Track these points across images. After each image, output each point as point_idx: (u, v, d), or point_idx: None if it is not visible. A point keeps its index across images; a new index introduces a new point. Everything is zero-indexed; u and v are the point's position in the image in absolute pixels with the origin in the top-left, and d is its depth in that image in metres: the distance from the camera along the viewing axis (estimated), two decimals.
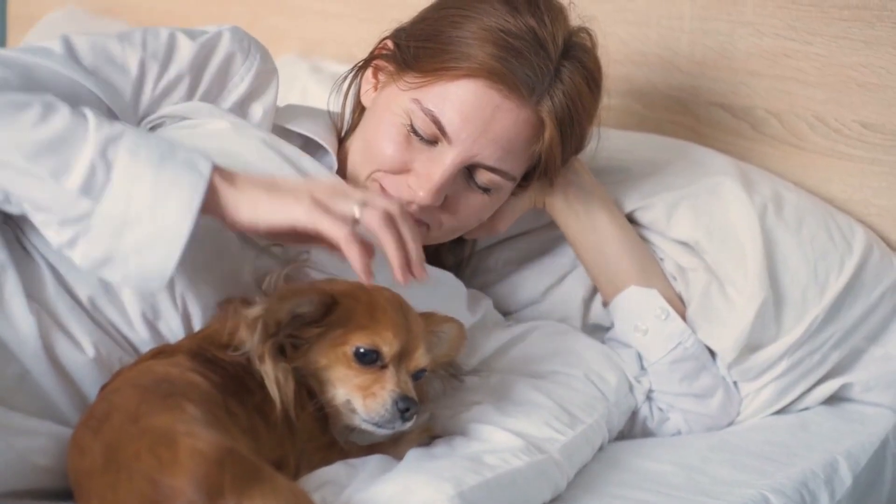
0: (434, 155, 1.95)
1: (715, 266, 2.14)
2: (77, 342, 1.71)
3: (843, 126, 2.32)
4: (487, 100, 1.93)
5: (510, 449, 1.73)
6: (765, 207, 2.17)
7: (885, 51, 2.25)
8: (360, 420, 1.69)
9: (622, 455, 1.97)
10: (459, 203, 2.01)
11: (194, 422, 1.48)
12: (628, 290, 2.13)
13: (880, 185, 2.29)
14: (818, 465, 1.96)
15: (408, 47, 2.00)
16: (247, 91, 1.98)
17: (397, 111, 1.97)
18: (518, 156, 1.99)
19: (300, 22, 3.16)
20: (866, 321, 2.18)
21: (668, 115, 2.54)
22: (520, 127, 1.96)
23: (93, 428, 1.50)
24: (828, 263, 2.15)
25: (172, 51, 1.91)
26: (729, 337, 2.08)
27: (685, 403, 2.10)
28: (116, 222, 1.59)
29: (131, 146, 1.62)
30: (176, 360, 1.63)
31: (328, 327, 1.68)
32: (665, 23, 2.54)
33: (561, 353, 2.07)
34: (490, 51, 1.92)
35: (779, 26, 2.37)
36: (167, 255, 1.60)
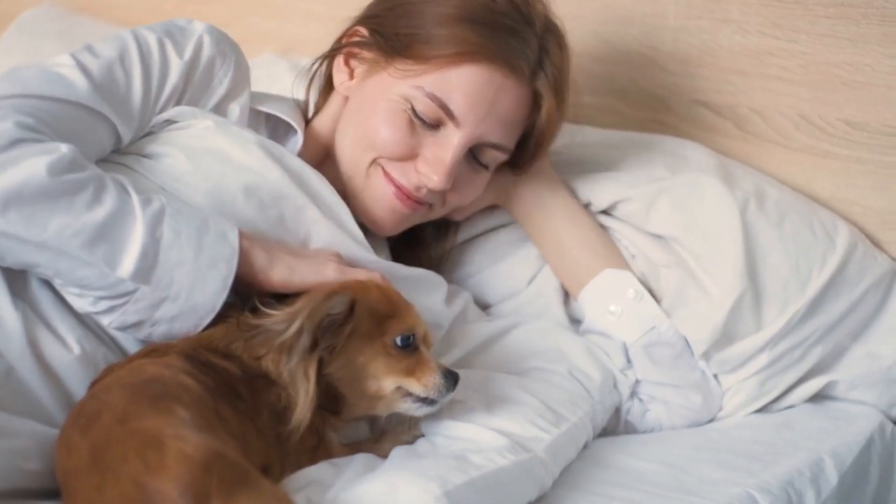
0: (439, 139, 2.04)
1: (692, 259, 2.16)
2: (62, 340, 1.74)
3: (828, 124, 2.34)
4: (491, 81, 2.03)
5: (496, 448, 1.74)
6: (746, 202, 2.20)
7: (869, 48, 2.26)
8: (410, 403, 1.77)
9: (607, 453, 1.98)
10: (463, 181, 2.11)
11: (183, 425, 1.48)
12: (603, 273, 2.18)
13: (865, 184, 2.31)
14: (804, 463, 1.97)
15: (393, 35, 2.06)
16: (225, 92, 2.05)
17: (395, 98, 2.03)
18: (516, 130, 2.11)
19: (280, 21, 3.17)
20: (849, 317, 2.20)
21: (651, 114, 2.56)
22: (520, 103, 2.08)
23: (81, 427, 1.51)
24: (810, 258, 2.18)
25: (166, 70, 1.98)
26: (703, 328, 2.11)
27: (665, 394, 2.13)
28: (157, 299, 1.72)
29: (174, 224, 1.74)
30: (168, 360, 1.65)
31: (356, 325, 1.74)
32: (649, 21, 2.55)
33: (544, 350, 2.10)
34: (482, 31, 2.01)
35: (763, 24, 2.39)
36: (196, 324, 1.75)
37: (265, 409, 1.68)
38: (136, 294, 1.71)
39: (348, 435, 1.85)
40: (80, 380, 1.73)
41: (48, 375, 1.72)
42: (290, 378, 1.69)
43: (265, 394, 1.69)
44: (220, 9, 3.24)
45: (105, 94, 1.89)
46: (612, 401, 2.09)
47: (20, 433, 1.63)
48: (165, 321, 1.74)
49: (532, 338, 2.14)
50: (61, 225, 1.67)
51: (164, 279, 1.72)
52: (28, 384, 1.71)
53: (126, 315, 1.73)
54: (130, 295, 1.71)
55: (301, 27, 3.13)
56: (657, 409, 2.13)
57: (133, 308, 1.72)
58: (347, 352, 1.74)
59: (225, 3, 3.23)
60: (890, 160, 2.28)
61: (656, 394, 2.13)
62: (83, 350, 1.74)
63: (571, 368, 2.05)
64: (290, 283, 1.82)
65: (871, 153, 2.29)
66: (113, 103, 1.90)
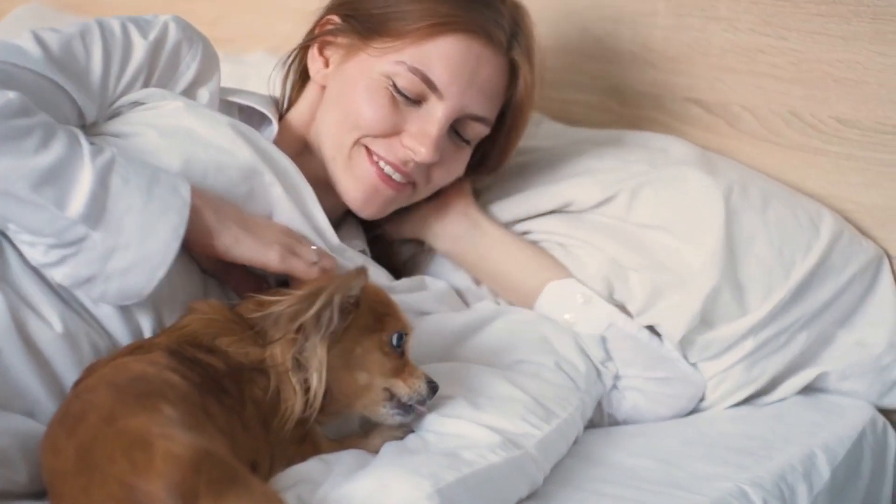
0: (423, 113, 2.08)
1: (672, 250, 2.18)
2: (45, 318, 1.75)
3: (819, 122, 2.35)
4: (470, 52, 2.07)
5: (487, 445, 1.74)
6: (730, 189, 2.22)
7: (861, 46, 2.27)
8: (389, 408, 1.79)
9: (599, 449, 1.99)
10: (447, 157, 2.14)
11: (170, 423, 1.47)
12: (547, 287, 2.20)
13: (857, 181, 2.32)
14: (796, 458, 1.98)
15: (366, 16, 2.10)
16: (194, 77, 2.09)
17: (375, 77, 2.07)
18: (497, 102, 2.15)
19: (269, 19, 3.17)
20: (835, 304, 2.22)
21: (642, 112, 2.58)
22: (499, 74, 2.12)
23: (67, 427, 1.50)
24: (794, 245, 2.20)
25: (129, 50, 2.01)
26: (679, 316, 2.12)
27: (639, 383, 2.14)
28: (107, 248, 1.72)
29: (122, 172, 1.75)
30: (153, 357, 1.64)
31: (357, 316, 1.76)
32: (639, 19, 2.57)
33: (529, 341, 2.11)
34: (459, 3, 2.06)
35: (753, 22, 2.40)
36: (150, 277, 1.75)
37: (250, 402, 1.68)
38: (86, 242, 1.72)
39: (337, 430, 1.85)
40: (64, 358, 1.74)
41: (33, 354, 1.72)
42: (300, 362, 1.71)
43: (250, 387, 1.69)
44: (210, 7, 3.24)
45: (62, 65, 1.91)
46: (598, 391, 2.10)
47: (3, 432, 1.63)
48: (118, 275, 1.74)
49: (517, 328, 2.15)
50: (8, 167, 1.68)
51: (113, 225, 1.72)
52: (15, 366, 1.71)
53: (78, 267, 1.73)
54: (81, 243, 1.72)
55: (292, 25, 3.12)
56: (634, 396, 2.13)
57: (84, 259, 1.73)
58: (345, 341, 1.75)
59: (215, 1, 3.23)
60: (882, 157, 2.29)
61: (630, 383, 2.14)
62: (66, 328, 1.75)
63: (559, 360, 2.06)
64: (230, 254, 1.85)
65: (863, 150, 2.30)
66: (70, 76, 1.92)
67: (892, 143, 2.27)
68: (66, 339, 1.75)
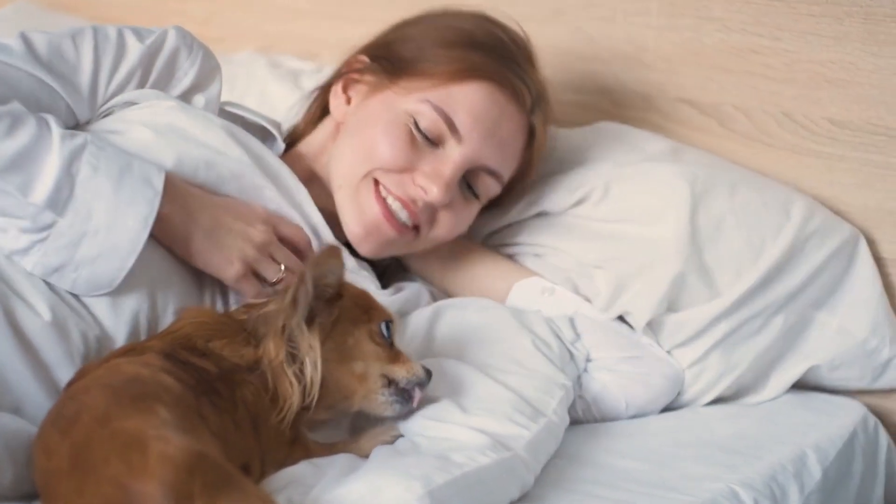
0: (439, 155, 2.10)
1: (638, 243, 2.20)
2: (33, 306, 1.75)
3: (812, 122, 2.36)
4: (495, 102, 2.10)
5: (477, 446, 1.75)
6: (695, 176, 2.24)
7: (853, 46, 2.28)
8: (388, 396, 1.80)
9: (589, 450, 1.99)
10: (455, 209, 2.15)
11: (165, 426, 1.47)
12: (514, 287, 2.24)
13: (849, 182, 2.33)
14: (787, 458, 1.99)
15: (398, 55, 2.14)
16: (191, 83, 2.10)
17: (398, 113, 2.10)
18: (512, 161, 2.18)
19: (259, 17, 3.17)
20: (811, 286, 2.23)
21: (634, 112, 2.58)
22: (519, 132, 2.16)
23: (61, 428, 1.50)
24: (763, 228, 2.21)
25: (123, 50, 2.02)
26: (644, 303, 2.14)
27: (609, 363, 2.14)
28: (75, 235, 1.74)
29: (93, 160, 1.77)
30: (146, 359, 1.65)
31: (344, 308, 1.78)
32: (632, 19, 2.57)
33: (505, 323, 2.12)
34: (490, 55, 2.11)
35: (746, 22, 2.41)
36: (119, 267, 1.77)
37: (241, 405, 1.68)
38: (54, 229, 1.74)
39: (327, 435, 1.86)
40: (53, 347, 1.75)
41: (22, 343, 1.73)
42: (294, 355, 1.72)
43: (241, 390, 1.70)
44: (199, 5, 3.24)
45: (48, 64, 1.93)
46: (572, 373, 2.09)
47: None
48: (87, 263, 1.76)
49: (491, 312, 2.16)
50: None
51: (81, 212, 1.75)
52: (3, 354, 1.72)
53: (47, 255, 1.75)
54: (49, 229, 1.74)
55: (281, 24, 3.13)
56: (602, 377, 2.13)
57: (53, 246, 1.75)
58: (336, 335, 1.77)
59: (205, 1, 3.23)
60: (874, 158, 2.30)
61: (600, 364, 2.13)
62: (54, 316, 1.76)
63: (535, 339, 2.07)
64: (192, 262, 1.90)
65: (856, 151, 2.31)
66: (57, 74, 1.94)
67: (884, 145, 2.28)
68: (55, 328, 1.75)
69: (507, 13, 2.18)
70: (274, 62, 2.93)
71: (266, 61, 2.93)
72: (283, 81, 2.81)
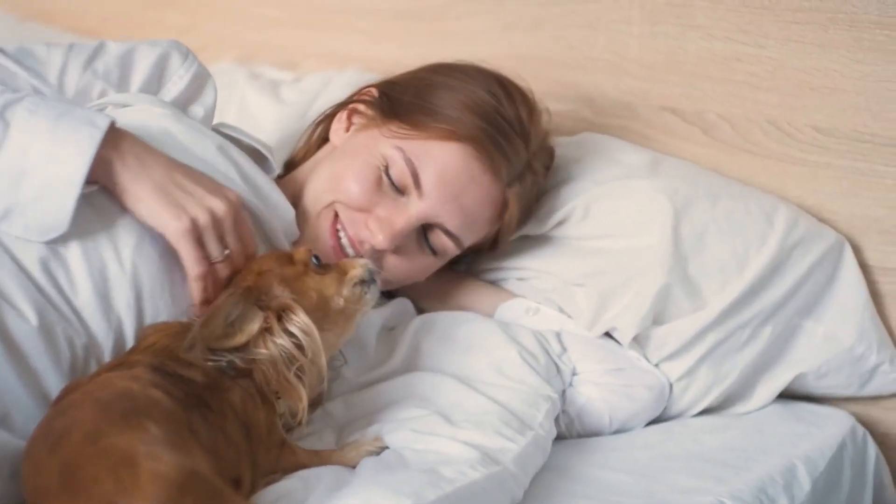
0: (400, 204, 2.11)
1: (621, 260, 2.21)
2: (20, 311, 1.74)
3: (797, 130, 2.36)
4: (467, 168, 2.11)
5: (466, 460, 1.76)
6: (675, 189, 2.25)
7: (838, 54, 2.29)
8: (363, 288, 1.88)
9: (577, 464, 2.00)
10: (408, 257, 2.16)
11: (156, 442, 1.47)
12: (498, 310, 2.26)
13: (834, 190, 2.33)
14: (776, 470, 2.00)
15: (399, 98, 2.16)
16: (185, 90, 2.12)
17: (375, 153, 2.11)
18: (476, 230, 2.18)
19: (238, 28, 3.17)
20: (797, 294, 2.24)
21: (617, 121, 2.58)
22: (487, 203, 2.16)
23: (50, 445, 1.49)
24: (747, 237, 2.22)
25: (100, 50, 2.07)
26: (630, 318, 2.15)
27: (593, 377, 2.14)
28: (14, 175, 1.75)
29: (30, 106, 1.79)
30: (136, 373, 1.64)
31: (280, 280, 1.82)
32: (613, 27, 2.57)
33: (492, 335, 2.14)
34: (481, 124, 2.11)
35: (730, 30, 2.41)
36: (63, 203, 1.76)
37: (230, 411, 1.69)
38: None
39: (311, 444, 1.87)
40: (41, 353, 1.74)
41: (10, 348, 1.71)
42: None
43: (229, 395, 1.71)
44: (178, 15, 3.24)
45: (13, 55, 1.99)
46: (558, 386, 2.10)
47: None
48: (31, 203, 1.76)
49: (478, 324, 2.18)
50: None
51: (15, 151, 1.76)
52: None
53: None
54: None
55: (260, 33, 3.13)
56: (588, 390, 2.14)
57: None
58: (301, 300, 1.80)
59: (183, 10, 3.23)
60: (860, 166, 2.30)
61: (585, 377, 2.14)
62: (41, 320, 1.74)
63: (521, 350, 2.09)
64: (132, 210, 1.85)
65: (841, 159, 2.32)
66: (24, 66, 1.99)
67: (869, 152, 2.29)
68: (42, 333, 1.74)
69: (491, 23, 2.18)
70: (253, 73, 2.93)
71: (246, 72, 2.92)
72: (262, 92, 2.81)
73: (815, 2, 2.30)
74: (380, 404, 1.98)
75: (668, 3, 2.49)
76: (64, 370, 1.75)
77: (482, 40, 2.72)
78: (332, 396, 2.03)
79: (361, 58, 2.90)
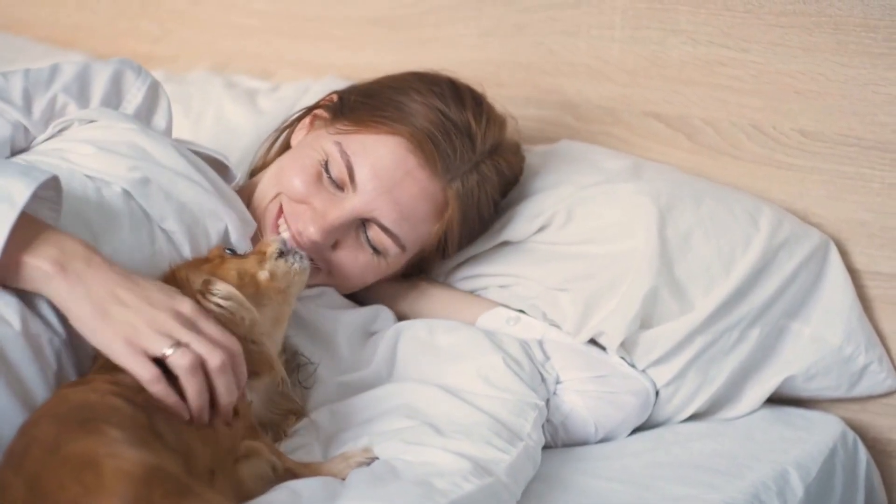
0: (336, 199, 2.14)
1: (606, 264, 2.22)
2: (2, 317, 1.72)
3: (782, 134, 2.38)
4: (402, 161, 2.14)
5: (458, 472, 1.76)
6: (659, 191, 2.26)
7: (823, 57, 2.31)
8: (288, 259, 1.92)
9: (569, 474, 2.00)
10: (348, 252, 2.18)
11: (116, 443, 1.47)
12: (479, 319, 2.26)
13: (820, 194, 2.35)
14: (769, 476, 2.01)
15: (349, 100, 2.21)
16: (143, 102, 2.15)
17: (317, 149, 2.16)
18: (414, 226, 2.18)
19: (212, 36, 3.16)
20: (784, 295, 2.25)
21: (600, 127, 2.59)
22: (424, 198, 2.17)
23: (13, 465, 1.49)
24: (731, 239, 2.24)
25: (55, 71, 2.10)
26: (617, 323, 2.15)
27: (577, 385, 2.15)
28: None
29: None
30: (93, 385, 1.64)
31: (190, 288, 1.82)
32: (595, 32, 2.58)
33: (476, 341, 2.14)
34: (421, 121, 2.14)
35: (713, 34, 2.43)
36: None
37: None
38: None
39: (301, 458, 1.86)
40: (26, 360, 1.71)
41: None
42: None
43: None
44: (151, 24, 3.23)
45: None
46: (543, 395, 2.10)
47: None
48: None
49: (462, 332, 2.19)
50: None
51: None
52: None
53: None
54: None
55: (234, 42, 3.13)
56: (571, 399, 2.14)
57: None
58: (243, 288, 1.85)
59: (155, 19, 3.22)
60: (846, 170, 2.32)
61: (569, 386, 2.14)
62: (25, 326, 1.72)
63: (506, 357, 2.09)
64: (81, 333, 1.73)
65: (827, 163, 2.34)
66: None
67: (855, 156, 2.31)
68: (27, 339, 1.72)
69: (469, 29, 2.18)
70: (229, 82, 2.91)
71: (221, 81, 2.91)
72: (239, 101, 2.80)
73: (799, 5, 2.32)
74: (367, 415, 1.98)
75: (649, 8, 2.50)
76: (50, 381, 1.74)
77: (461, 47, 2.73)
78: (316, 404, 2.03)
79: (338, 66, 2.90)
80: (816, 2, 2.30)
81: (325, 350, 2.14)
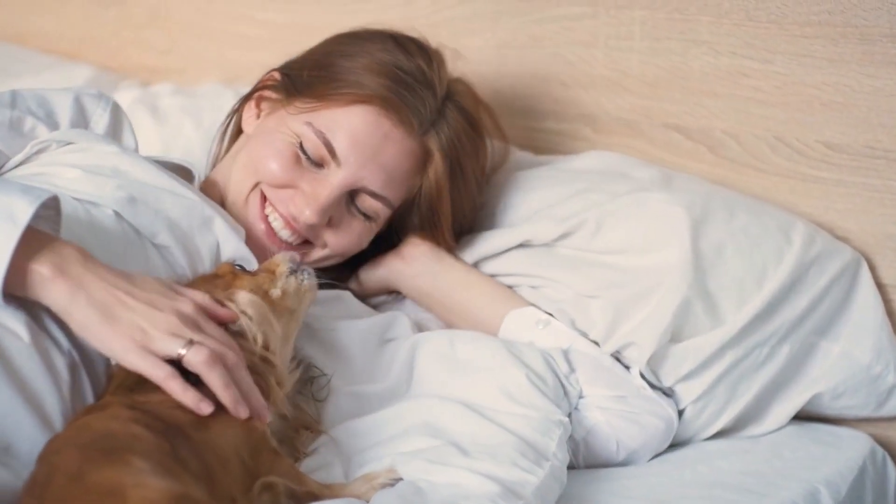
0: (321, 177, 2.18)
1: (638, 273, 2.22)
2: (11, 330, 1.72)
3: (807, 147, 2.38)
4: (378, 126, 2.19)
5: (486, 494, 1.76)
6: (692, 202, 2.26)
7: (849, 68, 2.31)
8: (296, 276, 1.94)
9: (591, 494, 2.00)
10: (342, 225, 2.23)
11: (142, 473, 1.47)
12: (508, 315, 2.26)
13: (846, 208, 2.36)
14: (799, 494, 2.01)
15: (299, 76, 2.25)
16: (110, 123, 2.22)
17: (286, 132, 2.19)
18: (400, 185, 2.24)
19: (221, 47, 3.17)
20: (814, 312, 2.25)
21: (619, 139, 2.60)
22: (406, 156, 2.22)
23: (36, 495, 1.49)
24: (764, 254, 2.24)
25: (15, 93, 2.13)
26: (648, 335, 2.14)
27: (600, 401, 2.14)
28: None
29: None
30: (112, 412, 1.64)
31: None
32: (613, 43, 2.59)
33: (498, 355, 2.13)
34: (383, 82, 2.19)
35: (735, 45, 2.43)
36: None
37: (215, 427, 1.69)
38: None
39: (321, 478, 1.85)
40: (38, 373, 1.71)
41: (6, 367, 1.69)
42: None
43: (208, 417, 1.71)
44: (158, 36, 3.23)
45: None
46: (565, 409, 2.10)
47: None
48: None
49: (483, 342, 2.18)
50: None
51: None
52: None
53: None
54: None
55: (243, 53, 3.13)
56: (594, 415, 2.14)
57: None
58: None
59: (162, 30, 3.22)
60: (872, 182, 2.32)
61: (592, 402, 2.14)
62: (33, 338, 1.72)
63: (529, 373, 2.08)
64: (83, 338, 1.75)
65: (853, 176, 2.34)
66: None
67: (882, 168, 2.31)
68: (37, 351, 1.72)
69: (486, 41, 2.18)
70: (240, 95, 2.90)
71: (233, 94, 2.90)
72: None
73: (824, 15, 2.32)
74: (388, 433, 1.98)
75: (669, 19, 2.51)
76: (65, 395, 1.73)
77: (477, 59, 2.72)
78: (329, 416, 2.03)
79: None
80: (842, 12, 2.30)
81: (338, 360, 2.14)
